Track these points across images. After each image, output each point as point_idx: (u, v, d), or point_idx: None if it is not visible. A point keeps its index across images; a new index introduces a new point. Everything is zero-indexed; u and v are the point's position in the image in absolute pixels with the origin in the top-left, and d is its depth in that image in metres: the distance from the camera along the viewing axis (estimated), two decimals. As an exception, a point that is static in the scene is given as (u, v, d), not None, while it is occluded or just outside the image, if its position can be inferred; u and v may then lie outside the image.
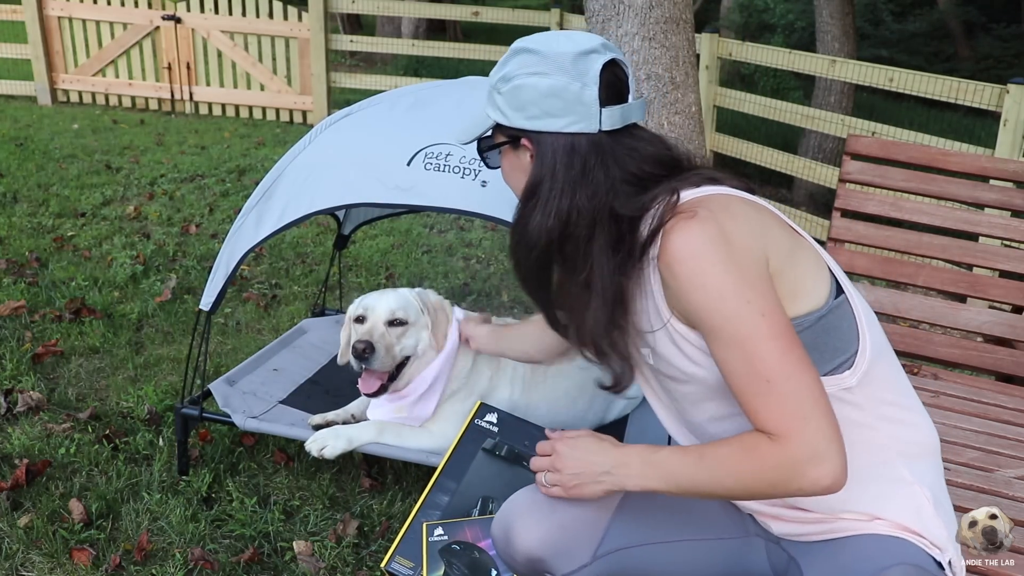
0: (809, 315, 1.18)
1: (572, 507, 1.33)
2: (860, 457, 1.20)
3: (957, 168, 2.58)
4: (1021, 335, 2.42)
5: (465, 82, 2.37)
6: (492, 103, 1.30)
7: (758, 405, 1.11)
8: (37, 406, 2.66)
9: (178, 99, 7.68)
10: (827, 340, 1.19)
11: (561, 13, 7.22)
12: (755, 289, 1.12)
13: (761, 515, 1.34)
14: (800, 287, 1.18)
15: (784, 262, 1.17)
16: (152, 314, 3.42)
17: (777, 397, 1.09)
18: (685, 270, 1.13)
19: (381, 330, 2.13)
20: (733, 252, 1.12)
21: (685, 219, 1.15)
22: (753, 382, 1.11)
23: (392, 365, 2.14)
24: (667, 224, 1.16)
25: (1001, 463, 1.94)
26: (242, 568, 2.04)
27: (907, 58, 11.04)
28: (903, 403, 1.28)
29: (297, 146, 2.27)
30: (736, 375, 1.12)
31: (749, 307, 1.11)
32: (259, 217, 2.21)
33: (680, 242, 1.14)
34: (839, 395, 1.19)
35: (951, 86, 4.33)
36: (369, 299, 2.20)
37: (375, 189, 2.08)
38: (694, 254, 1.13)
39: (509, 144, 1.31)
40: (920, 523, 1.22)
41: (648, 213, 1.21)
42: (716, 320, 1.12)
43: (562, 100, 1.22)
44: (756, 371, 1.10)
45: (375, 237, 4.59)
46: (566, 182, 1.23)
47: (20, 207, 4.66)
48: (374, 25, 12.99)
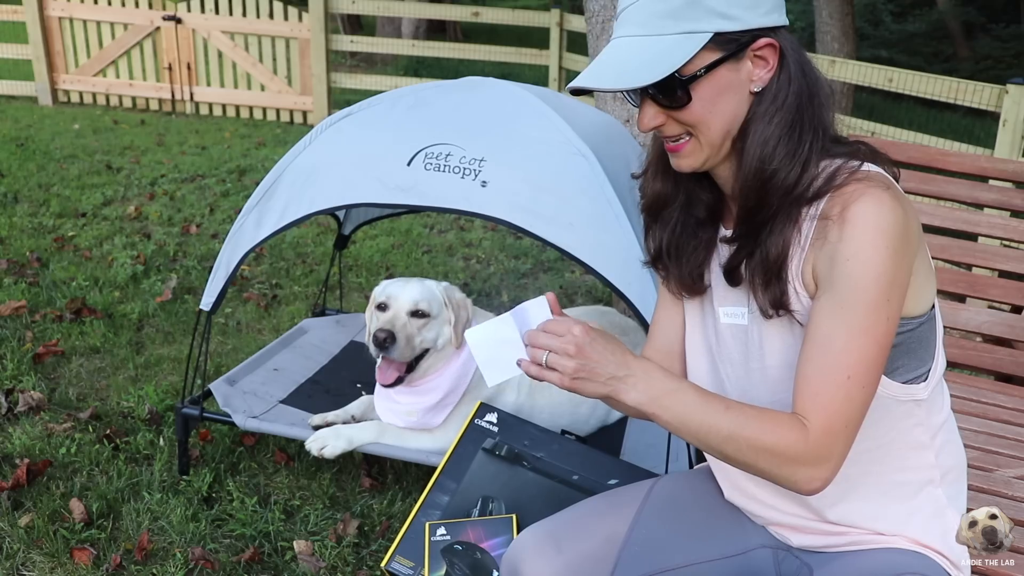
0: (916, 319, 1.15)
1: (580, 544, 1.28)
2: (909, 476, 1.20)
3: (956, 168, 2.58)
4: (1020, 335, 2.42)
5: (465, 82, 2.37)
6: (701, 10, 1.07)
7: (821, 389, 1.07)
8: (38, 406, 2.67)
9: (179, 99, 7.68)
10: (918, 348, 1.17)
11: (561, 13, 7.23)
12: (897, 292, 1.08)
13: (782, 528, 1.32)
14: (917, 289, 1.15)
15: (919, 264, 1.14)
16: (153, 314, 3.43)
17: (844, 395, 1.07)
18: (861, 236, 1.05)
19: (403, 320, 2.12)
20: (905, 246, 1.07)
21: (879, 189, 1.06)
22: (836, 368, 1.07)
23: (411, 356, 2.14)
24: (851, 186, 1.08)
25: (1001, 463, 1.94)
26: (242, 568, 2.04)
27: (906, 58, 11.05)
28: (949, 425, 1.27)
29: (297, 146, 2.27)
30: (825, 351, 1.08)
31: (886, 305, 1.06)
32: (259, 217, 2.21)
33: (873, 208, 1.05)
34: (909, 407, 1.18)
35: (950, 86, 4.34)
36: (393, 287, 2.18)
37: (375, 189, 2.08)
38: (878, 227, 1.05)
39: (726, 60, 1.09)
40: (944, 545, 1.22)
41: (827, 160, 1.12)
42: (851, 295, 1.06)
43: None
44: (845, 362, 1.06)
45: (375, 237, 4.59)
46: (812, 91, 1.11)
47: (21, 207, 4.67)
48: (374, 25, 12.99)
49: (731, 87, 1.11)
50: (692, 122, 1.12)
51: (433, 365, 2.18)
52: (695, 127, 1.13)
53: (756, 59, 1.11)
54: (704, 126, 1.13)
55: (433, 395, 2.16)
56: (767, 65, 1.11)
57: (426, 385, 2.18)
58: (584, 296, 3.99)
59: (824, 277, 1.09)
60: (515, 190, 1.99)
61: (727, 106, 1.12)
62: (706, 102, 1.11)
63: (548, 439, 1.92)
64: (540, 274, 4.26)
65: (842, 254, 1.06)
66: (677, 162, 1.18)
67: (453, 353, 2.20)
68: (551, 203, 1.96)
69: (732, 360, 1.27)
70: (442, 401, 2.15)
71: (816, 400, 1.08)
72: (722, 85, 1.10)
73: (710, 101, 1.11)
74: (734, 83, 1.11)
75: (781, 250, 1.12)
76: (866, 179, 1.08)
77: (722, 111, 1.12)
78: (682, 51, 1.08)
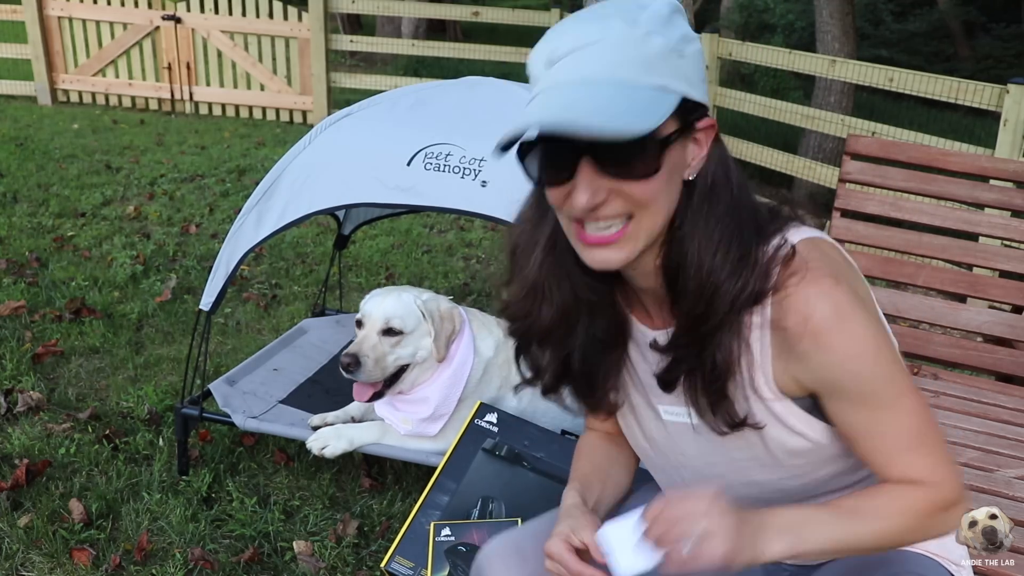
0: None
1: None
2: None
3: (957, 168, 2.58)
4: (1021, 335, 2.42)
5: (465, 82, 2.37)
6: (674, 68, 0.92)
7: (909, 459, 1.02)
8: (37, 406, 2.66)
9: (178, 99, 7.68)
10: None
11: (561, 13, 7.22)
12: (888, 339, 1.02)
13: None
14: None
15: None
16: (152, 314, 3.42)
17: (928, 447, 1.03)
18: (839, 338, 0.97)
19: (373, 340, 2.09)
20: (869, 310, 1.00)
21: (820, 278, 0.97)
22: (905, 440, 1.01)
23: (382, 376, 2.11)
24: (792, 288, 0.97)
25: (1001, 463, 1.94)
26: (242, 568, 2.04)
27: (907, 58, 11.05)
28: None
29: (297, 146, 2.27)
30: (883, 436, 1.01)
31: (893, 358, 1.00)
32: (259, 217, 2.21)
33: (830, 307, 0.96)
34: None
35: (951, 86, 4.33)
36: (370, 304, 2.16)
37: (375, 189, 2.08)
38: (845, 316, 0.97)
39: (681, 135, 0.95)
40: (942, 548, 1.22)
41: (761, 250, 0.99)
42: (869, 385, 0.99)
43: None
44: (909, 429, 1.01)
45: (375, 237, 4.59)
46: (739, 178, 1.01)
47: (20, 207, 4.66)
48: (374, 25, 12.99)
49: (676, 168, 0.96)
50: (645, 200, 0.94)
51: (419, 377, 2.16)
52: (643, 208, 0.95)
53: (696, 142, 0.98)
54: (654, 208, 0.95)
55: (425, 406, 2.14)
56: (703, 149, 0.98)
57: (417, 394, 2.17)
58: (584, 296, 3.99)
59: (826, 386, 1.02)
60: (515, 190, 1.97)
61: (671, 191, 0.97)
62: (663, 179, 0.94)
63: (548, 439, 1.92)
64: None
65: (834, 362, 0.99)
66: (605, 256, 0.98)
67: (442, 364, 2.16)
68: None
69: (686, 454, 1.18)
70: (435, 413, 2.14)
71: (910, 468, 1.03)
72: (673, 163, 0.95)
73: (666, 179, 0.95)
74: (678, 164, 0.96)
75: (728, 367, 1.02)
76: (801, 271, 0.98)
77: (669, 193, 0.96)
78: (660, 108, 0.91)
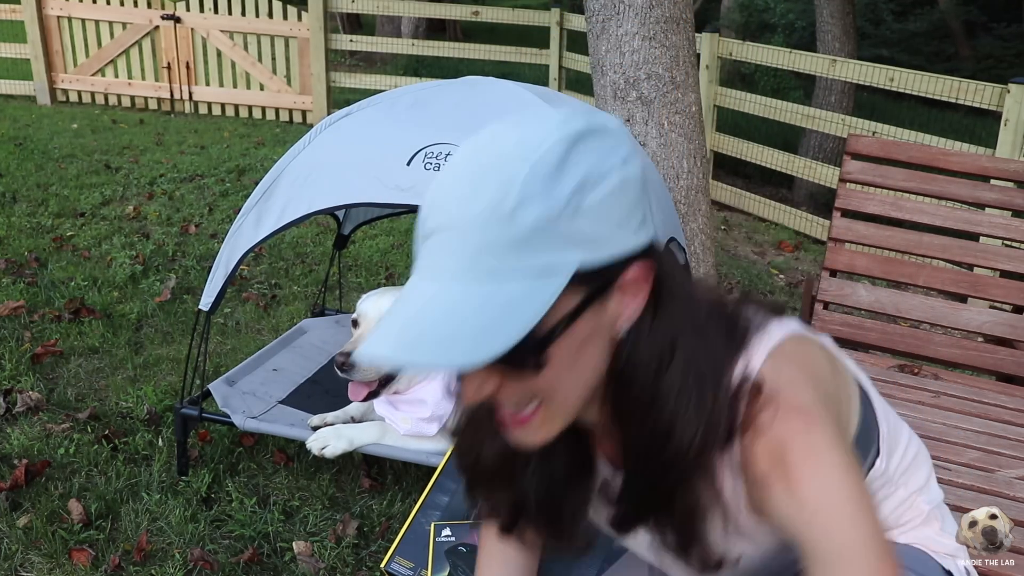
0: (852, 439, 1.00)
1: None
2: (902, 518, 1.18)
3: (958, 168, 2.58)
4: (1022, 335, 2.42)
5: (465, 81, 2.37)
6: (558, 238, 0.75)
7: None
8: (36, 406, 2.66)
9: (177, 99, 7.67)
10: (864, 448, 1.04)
11: (561, 13, 7.22)
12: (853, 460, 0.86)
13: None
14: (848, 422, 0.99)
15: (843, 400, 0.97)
16: (151, 314, 3.42)
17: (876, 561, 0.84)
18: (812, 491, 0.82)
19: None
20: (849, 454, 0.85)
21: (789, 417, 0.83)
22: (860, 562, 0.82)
23: (377, 375, 2.12)
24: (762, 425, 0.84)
25: (1002, 463, 1.94)
26: (242, 568, 2.03)
27: (908, 58, 11.03)
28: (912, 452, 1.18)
29: (297, 146, 2.27)
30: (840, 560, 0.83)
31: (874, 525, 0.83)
32: (258, 217, 2.20)
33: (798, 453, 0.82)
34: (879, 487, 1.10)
35: (952, 86, 4.33)
36: (366, 303, 2.18)
37: (375, 189, 2.08)
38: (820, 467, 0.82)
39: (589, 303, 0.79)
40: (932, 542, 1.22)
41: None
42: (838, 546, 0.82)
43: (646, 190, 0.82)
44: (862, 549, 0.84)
45: (375, 237, 4.58)
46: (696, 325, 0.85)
47: (19, 207, 4.66)
48: (374, 25, 12.98)
49: (594, 336, 0.81)
50: (542, 390, 0.82)
51: (415, 376, 2.16)
52: (545, 393, 0.82)
53: (625, 292, 0.81)
54: (561, 391, 0.82)
55: (423, 408, 2.14)
56: (637, 297, 0.82)
57: (414, 395, 2.17)
58: (584, 296, 3.99)
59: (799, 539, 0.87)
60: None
61: (588, 361, 0.82)
62: (564, 364, 0.80)
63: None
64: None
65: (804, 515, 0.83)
66: (521, 438, 0.85)
67: None
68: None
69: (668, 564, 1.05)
70: (433, 414, 2.14)
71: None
72: (583, 337, 0.80)
73: (569, 361, 0.80)
74: (597, 330, 0.81)
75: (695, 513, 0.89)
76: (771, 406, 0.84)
77: (582, 371, 0.82)
78: (536, 302, 0.74)
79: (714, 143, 5.66)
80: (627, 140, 0.81)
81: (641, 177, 0.80)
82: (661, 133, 2.94)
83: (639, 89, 2.94)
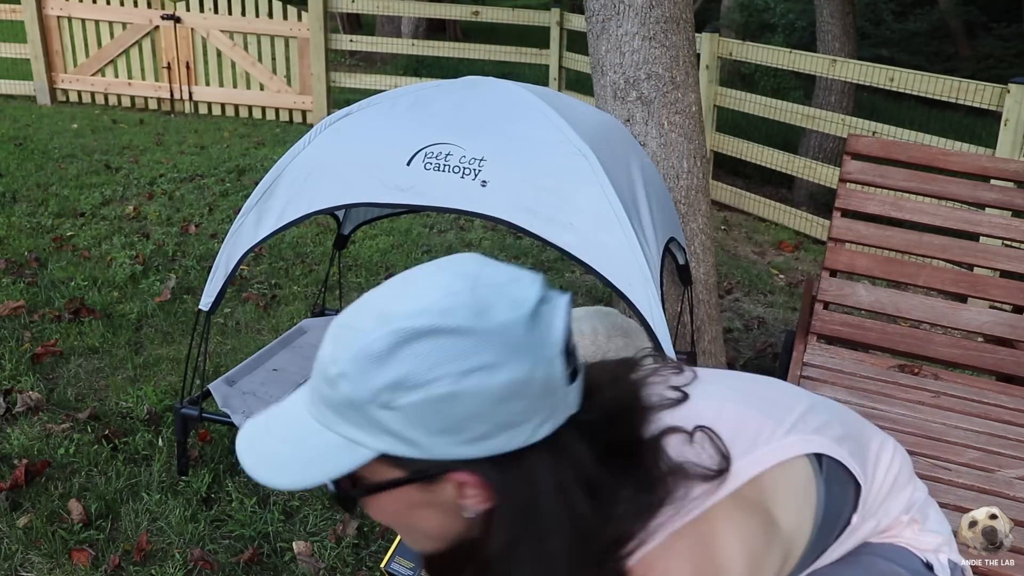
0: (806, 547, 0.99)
1: None
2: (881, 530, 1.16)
3: (958, 168, 2.58)
4: (1022, 335, 2.42)
5: (465, 81, 2.37)
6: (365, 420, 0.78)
7: None
8: (36, 406, 2.66)
9: (177, 99, 7.67)
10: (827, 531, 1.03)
11: (561, 12, 7.22)
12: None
13: None
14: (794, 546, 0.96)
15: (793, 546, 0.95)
16: (151, 314, 3.42)
17: None
18: None
19: None
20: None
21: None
22: None
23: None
24: None
25: (1002, 463, 1.94)
26: (241, 568, 2.03)
27: (908, 58, 11.04)
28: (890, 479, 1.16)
29: (297, 146, 2.27)
30: None
31: None
32: (259, 217, 2.21)
33: None
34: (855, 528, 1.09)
35: (952, 86, 4.33)
36: None
37: (375, 189, 2.08)
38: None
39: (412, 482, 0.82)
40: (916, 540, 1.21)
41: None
42: None
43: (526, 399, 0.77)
44: None
45: (375, 237, 4.58)
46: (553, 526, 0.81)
47: (19, 207, 4.66)
48: (374, 25, 12.98)
49: (427, 505, 0.84)
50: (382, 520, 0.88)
51: None
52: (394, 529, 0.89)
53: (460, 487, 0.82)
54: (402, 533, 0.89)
55: None
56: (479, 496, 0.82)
57: None
58: (584, 296, 3.99)
59: None
60: (515, 190, 1.98)
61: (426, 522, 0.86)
62: (390, 517, 0.86)
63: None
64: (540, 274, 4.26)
65: None
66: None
67: None
68: (551, 203, 1.96)
69: None
70: None
71: None
72: (412, 502, 0.83)
73: (395, 516, 0.86)
74: (432, 502, 0.83)
75: None
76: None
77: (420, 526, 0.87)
78: (344, 461, 0.80)
79: (714, 143, 5.66)
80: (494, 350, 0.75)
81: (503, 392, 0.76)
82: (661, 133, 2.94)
83: (639, 89, 2.95)
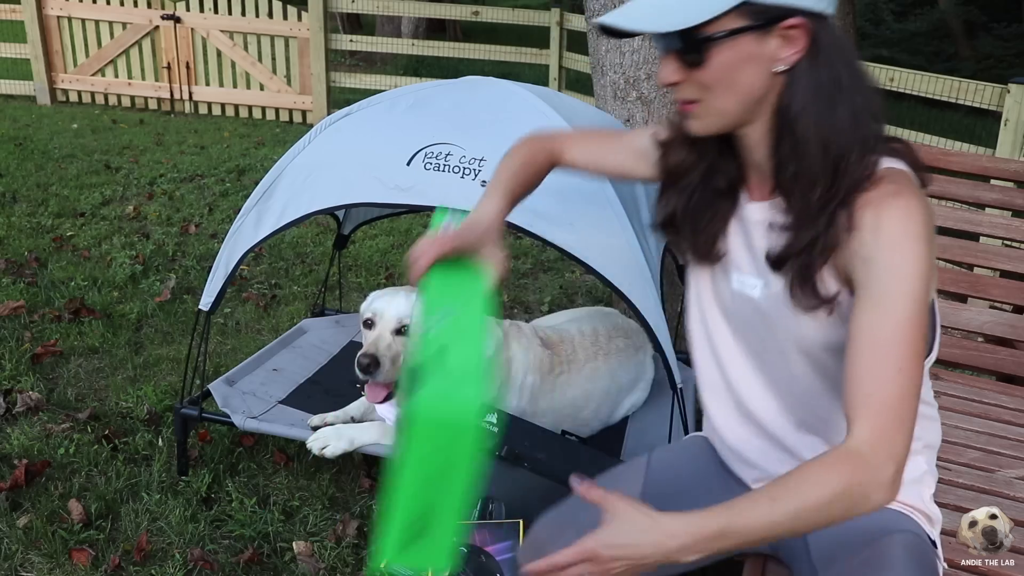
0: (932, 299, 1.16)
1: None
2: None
3: (958, 168, 2.58)
4: (1022, 335, 2.42)
5: (465, 81, 2.37)
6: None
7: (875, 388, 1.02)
8: (36, 406, 2.66)
9: (177, 99, 7.67)
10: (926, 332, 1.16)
11: (561, 12, 7.22)
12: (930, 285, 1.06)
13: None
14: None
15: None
16: (151, 314, 3.42)
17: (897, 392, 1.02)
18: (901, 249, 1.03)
19: (388, 340, 2.08)
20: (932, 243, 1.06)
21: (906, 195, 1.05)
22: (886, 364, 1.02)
23: (396, 376, 2.11)
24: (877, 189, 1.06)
25: (1002, 463, 1.94)
26: (242, 568, 2.03)
27: (908, 58, 11.03)
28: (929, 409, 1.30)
29: (297, 146, 2.27)
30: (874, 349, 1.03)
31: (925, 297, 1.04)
32: (259, 217, 2.20)
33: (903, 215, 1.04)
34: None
35: (952, 86, 4.33)
36: (379, 302, 2.14)
37: (375, 189, 2.08)
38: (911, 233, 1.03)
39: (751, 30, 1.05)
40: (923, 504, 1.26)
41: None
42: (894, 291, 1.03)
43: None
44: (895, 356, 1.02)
45: (375, 237, 4.58)
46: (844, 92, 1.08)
47: (19, 207, 4.66)
48: (374, 25, 12.98)
49: (752, 60, 1.06)
50: (707, 84, 1.09)
51: None
52: (708, 91, 1.10)
53: (785, 38, 1.06)
54: (715, 94, 1.09)
55: None
56: (795, 47, 1.06)
57: None
58: (584, 296, 3.99)
59: (862, 279, 1.07)
60: (515, 190, 1.98)
61: (745, 78, 1.08)
62: (723, 68, 1.07)
63: (549, 440, 1.92)
64: (540, 274, 4.26)
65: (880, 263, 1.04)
66: (687, 123, 1.16)
67: None
68: (551, 203, 1.96)
69: (746, 330, 1.26)
70: None
71: (870, 402, 1.02)
72: (743, 55, 1.06)
73: (728, 68, 1.07)
74: (756, 56, 1.06)
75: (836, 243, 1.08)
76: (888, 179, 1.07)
77: (738, 82, 1.08)
78: (704, 8, 1.03)
79: (714, 143, 5.66)
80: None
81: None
82: (661, 133, 2.94)
83: (639, 89, 2.94)
